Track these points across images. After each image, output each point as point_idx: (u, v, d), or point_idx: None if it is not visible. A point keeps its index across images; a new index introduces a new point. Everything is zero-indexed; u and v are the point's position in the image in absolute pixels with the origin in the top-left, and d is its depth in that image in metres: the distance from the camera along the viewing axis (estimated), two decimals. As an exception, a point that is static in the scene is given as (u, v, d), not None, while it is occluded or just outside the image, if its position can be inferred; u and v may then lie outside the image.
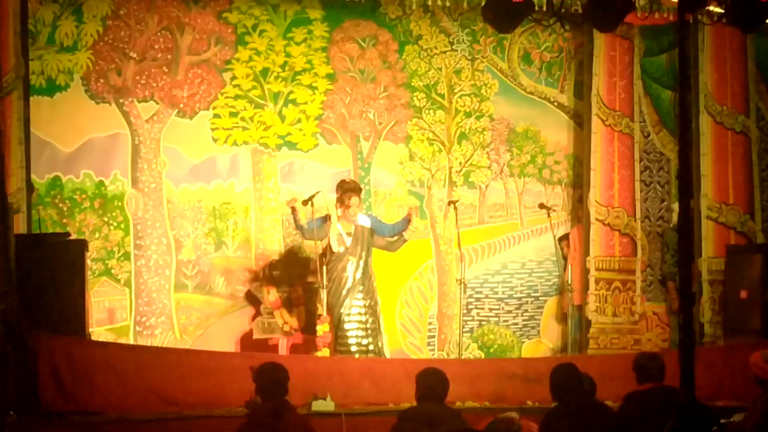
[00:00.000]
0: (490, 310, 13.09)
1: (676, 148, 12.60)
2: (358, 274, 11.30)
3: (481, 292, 13.06)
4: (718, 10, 9.80)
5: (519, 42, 13.11)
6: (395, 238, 11.61)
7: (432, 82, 12.95)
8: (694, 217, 12.14)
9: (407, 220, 11.57)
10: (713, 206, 12.63)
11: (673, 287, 12.64)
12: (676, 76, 12.47)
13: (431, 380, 7.80)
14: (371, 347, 11.26)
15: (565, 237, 13.03)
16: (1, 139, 10.79)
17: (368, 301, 11.34)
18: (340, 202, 11.37)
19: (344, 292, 11.26)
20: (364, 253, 11.36)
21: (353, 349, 11.17)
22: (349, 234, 11.35)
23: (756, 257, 12.05)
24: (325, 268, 11.12)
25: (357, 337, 11.22)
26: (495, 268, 13.18)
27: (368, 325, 11.29)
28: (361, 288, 11.30)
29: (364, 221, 11.57)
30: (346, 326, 11.21)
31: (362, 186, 12.51)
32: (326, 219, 11.43)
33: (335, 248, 11.28)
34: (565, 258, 12.89)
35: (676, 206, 12.63)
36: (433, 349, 12.86)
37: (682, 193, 7.27)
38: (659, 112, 13.09)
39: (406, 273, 12.76)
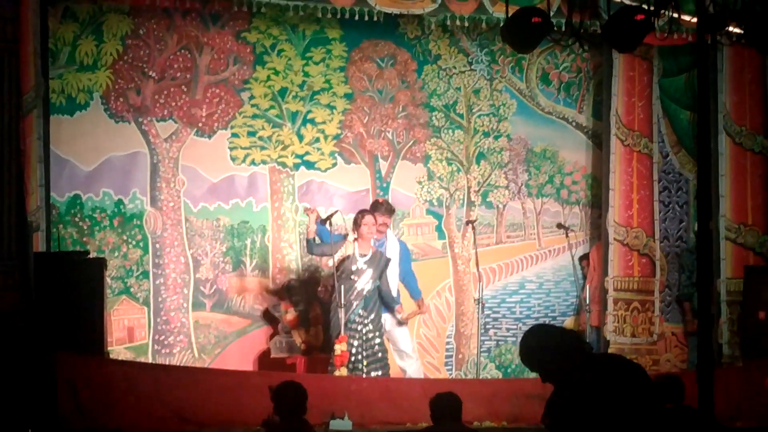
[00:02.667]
0: (508, 329, 13.08)
1: (695, 168, 12.62)
2: (363, 299, 11.24)
3: (498, 312, 13.05)
4: (737, 31, 9.81)
5: (537, 62, 13.14)
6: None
7: (450, 102, 12.98)
8: (712, 238, 12.13)
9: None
10: (732, 227, 12.61)
11: (689, 308, 12.63)
12: (695, 97, 12.50)
13: (445, 402, 7.81)
14: (372, 372, 11.16)
15: (585, 257, 13.03)
16: (21, 157, 10.82)
17: (370, 326, 11.27)
18: (368, 224, 11.34)
19: (347, 313, 11.20)
20: (374, 280, 11.30)
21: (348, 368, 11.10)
22: (363, 255, 11.31)
23: (774, 278, 12.03)
24: (342, 287, 11.10)
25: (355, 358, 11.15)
26: (512, 287, 13.16)
27: (365, 350, 11.21)
28: (363, 311, 11.25)
29: (395, 245, 11.61)
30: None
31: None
32: (344, 238, 11.42)
33: (349, 268, 11.24)
34: (585, 278, 12.88)
35: (695, 227, 12.63)
36: (451, 369, 12.85)
37: (701, 214, 7.26)
38: (678, 133, 13.08)
39: (423, 292, 12.69)
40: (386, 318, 11.56)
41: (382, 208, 11.62)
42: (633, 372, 5.50)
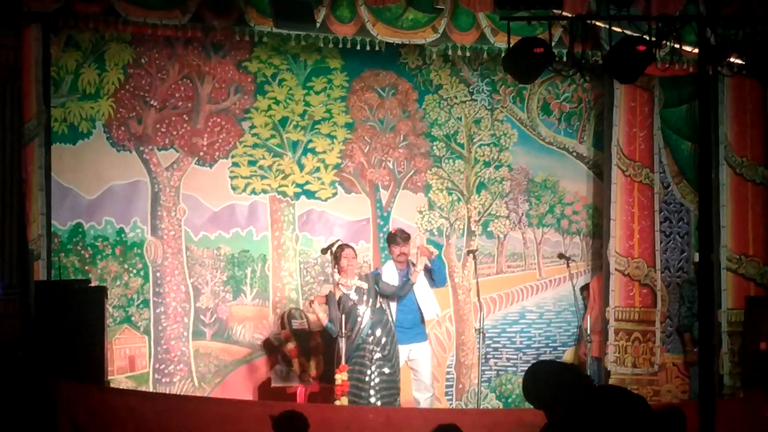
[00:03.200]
0: (508, 359, 13.04)
1: (696, 199, 12.62)
2: (368, 326, 11.24)
3: (498, 342, 13.01)
4: (739, 62, 9.84)
5: (538, 92, 13.15)
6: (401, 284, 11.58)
7: (451, 132, 12.98)
8: (713, 269, 12.11)
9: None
10: (733, 258, 12.58)
11: (689, 339, 12.61)
12: (696, 128, 12.52)
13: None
14: (379, 402, 11.14)
15: (586, 287, 13.02)
16: (23, 186, 10.86)
17: (379, 354, 11.26)
18: (348, 257, 11.39)
19: (357, 342, 11.21)
20: (372, 302, 11.33)
21: (358, 398, 11.07)
22: (350, 287, 11.32)
23: (775, 309, 12.00)
24: (343, 317, 11.09)
25: (361, 389, 11.12)
26: (513, 317, 13.13)
27: (375, 378, 11.19)
28: (370, 338, 11.24)
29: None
30: (351, 375, 11.14)
31: (380, 234, 12.59)
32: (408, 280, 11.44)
33: (347, 306, 11.25)
34: (586, 308, 12.85)
35: (696, 257, 12.60)
36: (451, 399, 12.81)
37: (702, 245, 7.26)
38: (679, 163, 13.06)
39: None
40: (413, 348, 11.56)
41: (397, 238, 11.62)
42: (633, 405, 5.50)
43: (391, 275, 11.60)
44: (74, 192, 11.76)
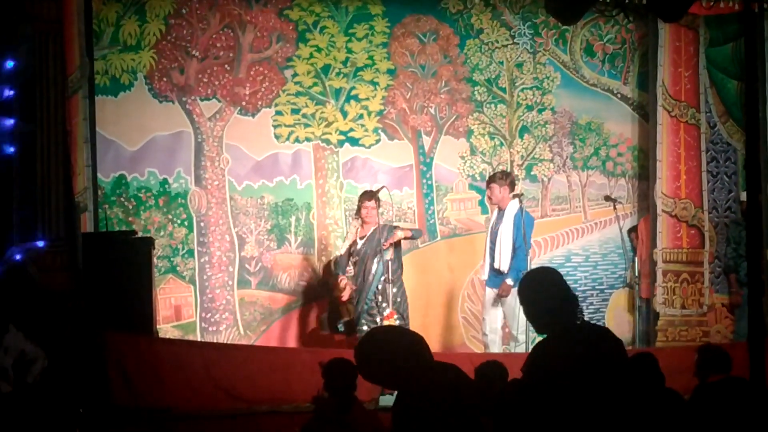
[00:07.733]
0: (554, 303, 12.99)
1: (743, 138, 12.50)
2: (374, 278, 11.20)
3: (544, 286, 12.95)
4: (785, -3, 9.71)
5: (581, 34, 13.04)
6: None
7: (493, 76, 12.91)
8: (762, 208, 12.00)
9: None
10: (781, 196, 12.50)
11: (734, 280, 12.52)
12: (742, 66, 12.37)
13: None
14: None
15: (634, 229, 12.96)
16: (68, 138, 10.90)
17: (384, 304, 11.16)
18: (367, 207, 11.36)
19: (367, 295, 11.19)
20: (377, 255, 11.22)
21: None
22: (362, 237, 11.29)
23: (824, 247, 11.87)
24: (390, 264, 11.07)
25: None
26: (558, 260, 13.09)
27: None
28: (376, 289, 11.21)
29: (515, 206, 11.41)
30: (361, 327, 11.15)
31: (423, 180, 12.56)
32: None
33: (356, 252, 11.26)
34: (634, 250, 12.81)
35: (744, 196, 12.50)
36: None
37: (749, 184, 7.17)
38: (725, 102, 12.95)
39: (467, 266, 12.70)
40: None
41: (491, 179, 11.47)
42: (608, 350, 5.52)
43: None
44: (116, 144, 11.80)
